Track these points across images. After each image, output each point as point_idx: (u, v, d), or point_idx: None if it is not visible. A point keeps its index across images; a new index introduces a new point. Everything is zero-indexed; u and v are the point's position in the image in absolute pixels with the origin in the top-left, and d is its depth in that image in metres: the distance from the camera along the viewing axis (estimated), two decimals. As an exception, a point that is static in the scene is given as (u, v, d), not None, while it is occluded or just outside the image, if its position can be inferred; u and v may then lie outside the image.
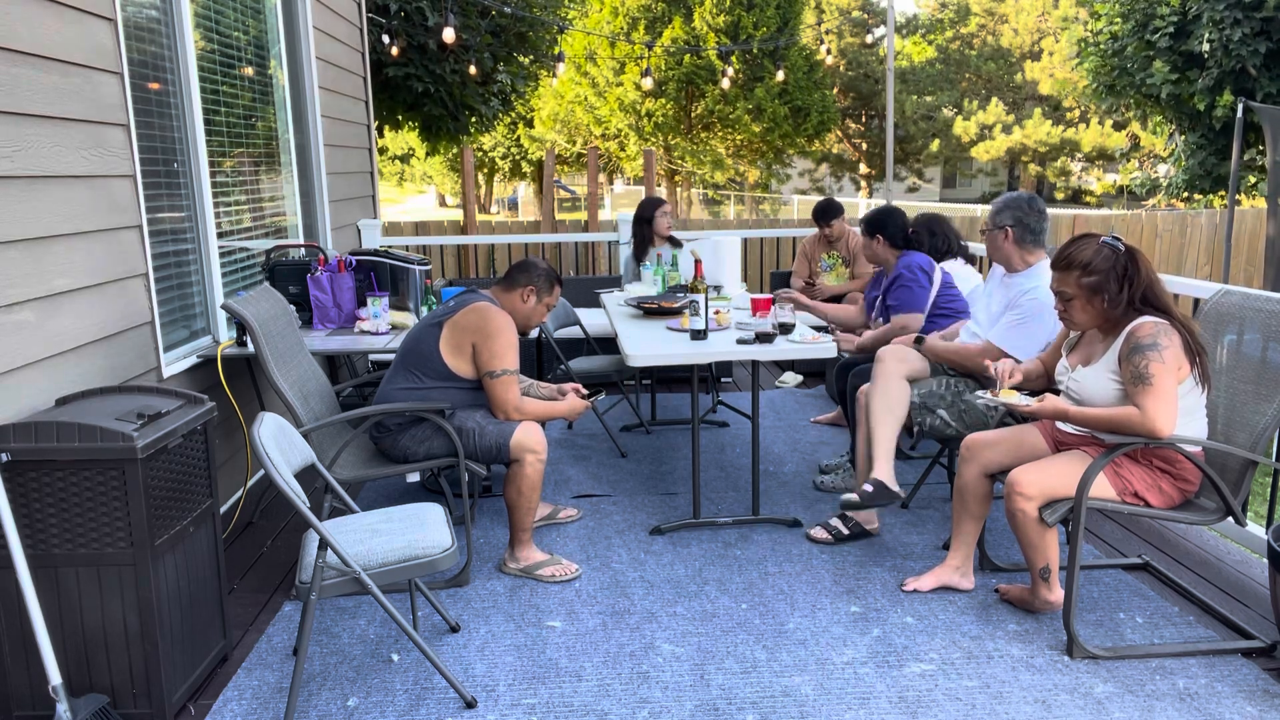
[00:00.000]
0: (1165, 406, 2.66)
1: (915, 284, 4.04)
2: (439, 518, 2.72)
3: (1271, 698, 2.56)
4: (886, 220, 4.17)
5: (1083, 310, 2.82)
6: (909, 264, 4.07)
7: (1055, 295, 2.88)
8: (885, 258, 4.19)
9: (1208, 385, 2.80)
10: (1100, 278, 2.75)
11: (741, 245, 5.53)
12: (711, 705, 2.57)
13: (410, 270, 4.56)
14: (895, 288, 4.09)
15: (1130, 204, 23.90)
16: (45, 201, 2.88)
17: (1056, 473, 2.81)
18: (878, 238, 4.16)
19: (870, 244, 4.20)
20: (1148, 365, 2.67)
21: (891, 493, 3.33)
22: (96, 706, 2.40)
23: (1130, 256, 2.76)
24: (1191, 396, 2.78)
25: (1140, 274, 2.75)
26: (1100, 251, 2.77)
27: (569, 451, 4.86)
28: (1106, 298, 2.77)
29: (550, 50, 11.43)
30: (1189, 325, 2.75)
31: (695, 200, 28.77)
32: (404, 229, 9.79)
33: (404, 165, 35.63)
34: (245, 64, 4.69)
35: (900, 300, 4.06)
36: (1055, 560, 2.90)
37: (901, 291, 4.05)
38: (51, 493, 2.37)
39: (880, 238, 4.15)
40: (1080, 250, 2.79)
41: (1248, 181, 12.25)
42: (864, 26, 28.82)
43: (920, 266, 4.06)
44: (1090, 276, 2.76)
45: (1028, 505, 2.80)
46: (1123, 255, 2.76)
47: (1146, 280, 2.75)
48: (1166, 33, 11.04)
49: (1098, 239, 2.80)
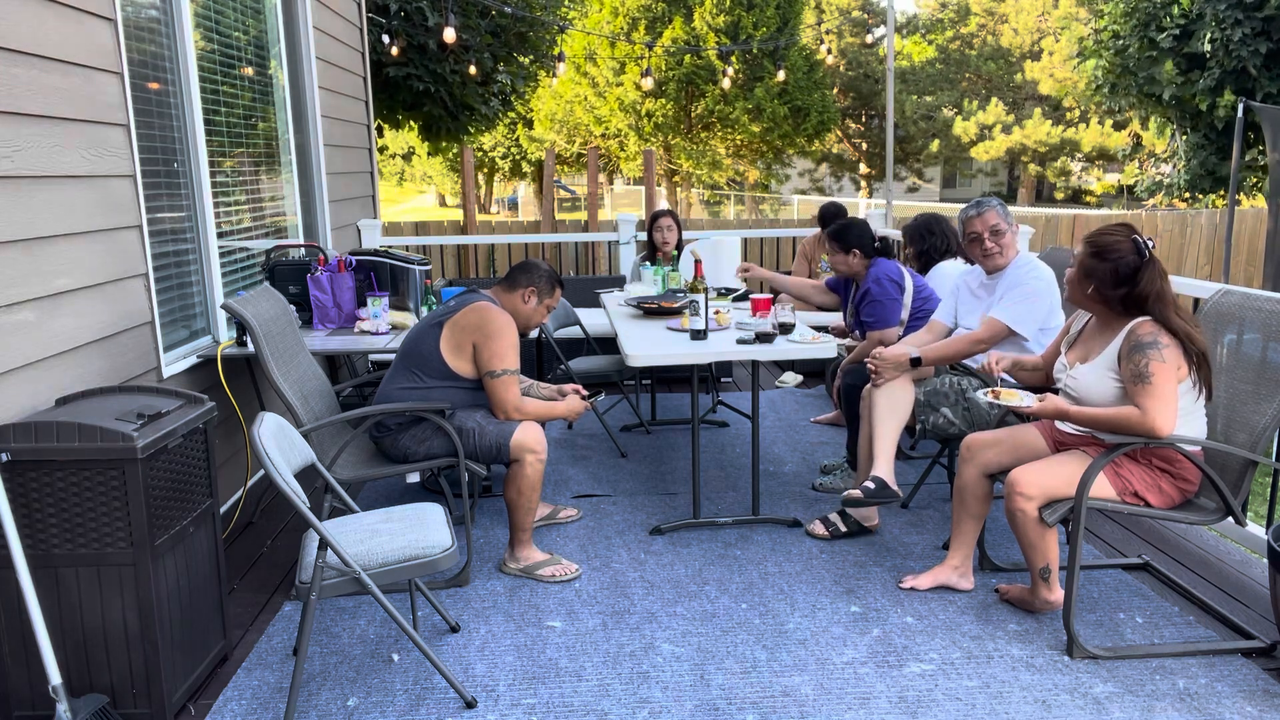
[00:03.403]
0: (1165, 406, 2.66)
1: (886, 297, 4.05)
2: (439, 518, 2.72)
3: (1271, 698, 2.56)
4: (854, 232, 4.14)
5: (1073, 285, 2.85)
6: (878, 277, 4.07)
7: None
8: (857, 269, 4.19)
9: (1207, 393, 2.79)
10: (1101, 264, 2.75)
11: (741, 245, 5.53)
12: (711, 705, 2.57)
13: (410, 270, 4.56)
14: (867, 303, 4.10)
15: (1130, 204, 23.88)
16: (45, 201, 2.88)
17: (1057, 472, 2.81)
18: (854, 252, 4.14)
19: (846, 259, 4.17)
20: (1148, 364, 2.67)
21: (891, 491, 3.34)
22: (96, 706, 2.40)
23: (1145, 264, 2.73)
24: (1188, 397, 2.78)
25: (1146, 284, 2.72)
26: (1121, 243, 2.74)
27: (569, 451, 4.86)
28: (1096, 285, 2.77)
29: (550, 50, 11.43)
30: (1193, 337, 2.72)
31: (695, 200, 28.77)
32: (404, 229, 9.79)
33: (404, 165, 35.62)
34: (245, 64, 4.69)
35: (875, 316, 4.08)
36: (1055, 560, 2.91)
37: (874, 307, 4.07)
38: (51, 493, 2.37)
39: (857, 252, 4.14)
40: (1107, 233, 2.78)
41: (1248, 181, 12.25)
42: (864, 26, 28.81)
43: (890, 278, 4.07)
44: (1095, 259, 2.76)
45: (1028, 505, 2.80)
46: (1136, 259, 2.73)
47: (1152, 293, 2.72)
48: (1172, 33, 11.04)
49: (1133, 232, 2.77)
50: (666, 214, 5.74)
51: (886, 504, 3.38)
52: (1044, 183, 30.24)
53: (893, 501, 3.36)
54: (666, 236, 5.65)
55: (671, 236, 5.67)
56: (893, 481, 3.36)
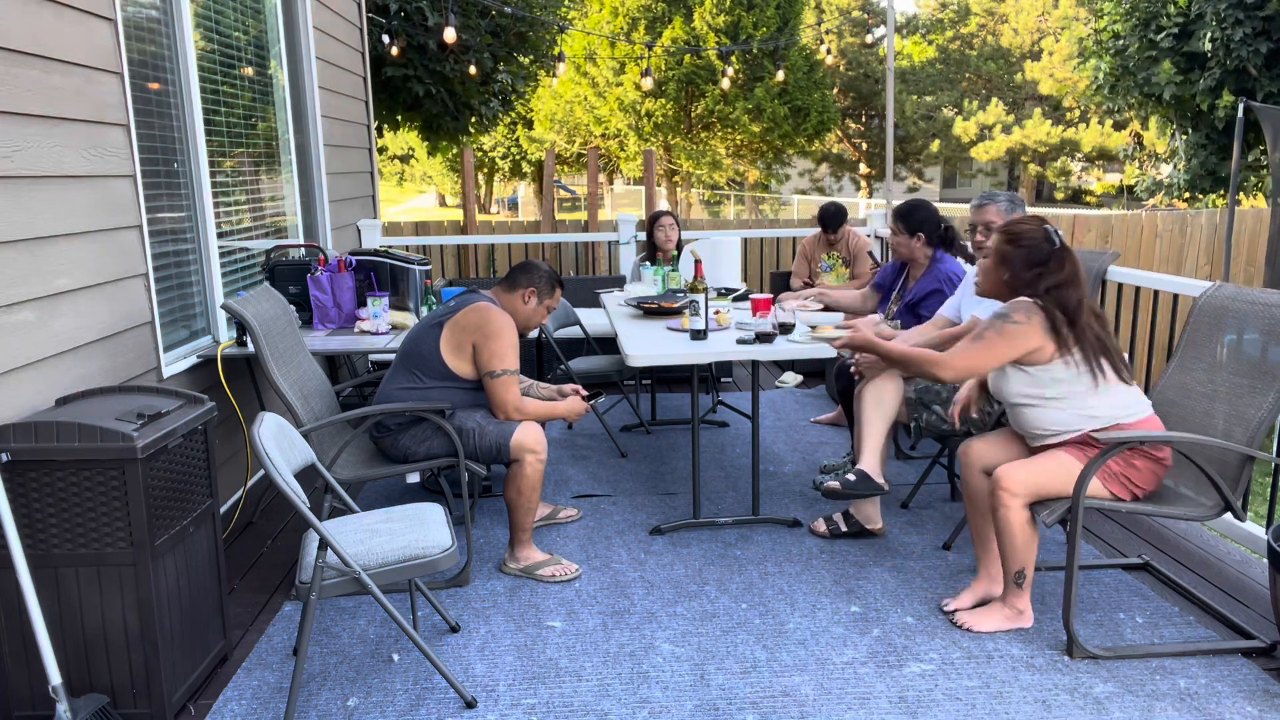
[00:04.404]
0: (967, 362, 2.80)
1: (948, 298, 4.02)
2: (439, 518, 2.72)
3: (1271, 698, 2.56)
4: (920, 215, 4.10)
5: (987, 274, 2.91)
6: (949, 276, 4.04)
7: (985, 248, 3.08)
8: (918, 258, 4.17)
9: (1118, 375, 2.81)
10: (1015, 250, 2.82)
11: (741, 245, 5.53)
12: (711, 705, 2.57)
13: (410, 270, 4.56)
14: (930, 297, 4.06)
15: (1130, 204, 23.89)
16: (45, 201, 2.88)
17: (1041, 468, 2.81)
18: (919, 236, 4.11)
19: (909, 242, 4.13)
20: (987, 328, 2.80)
21: (874, 484, 3.34)
22: (96, 706, 2.40)
23: (1057, 253, 2.80)
24: (1080, 382, 2.79)
25: (1056, 272, 2.79)
26: (1035, 232, 2.82)
27: (569, 451, 4.86)
28: (1010, 273, 2.85)
29: (550, 50, 11.42)
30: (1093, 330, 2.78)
31: (695, 200, 28.77)
32: (404, 229, 9.78)
33: (404, 165, 35.63)
34: (245, 64, 4.69)
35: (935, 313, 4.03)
36: (1031, 567, 2.90)
37: (938, 302, 4.02)
38: (51, 493, 2.37)
39: (922, 236, 4.11)
40: (1023, 222, 2.88)
41: (1248, 181, 12.25)
42: (864, 26, 28.81)
43: (957, 276, 4.04)
44: (1010, 246, 2.84)
45: (1013, 501, 2.80)
46: (1050, 247, 2.80)
47: (1065, 280, 2.79)
48: (1171, 33, 11.03)
49: (1043, 223, 2.85)
50: (667, 214, 5.74)
51: (867, 496, 3.38)
52: (1044, 183, 30.25)
53: (875, 494, 3.35)
54: (669, 235, 5.65)
55: (673, 235, 5.67)
56: (877, 475, 3.36)
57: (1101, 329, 2.82)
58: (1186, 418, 3.03)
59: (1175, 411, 3.08)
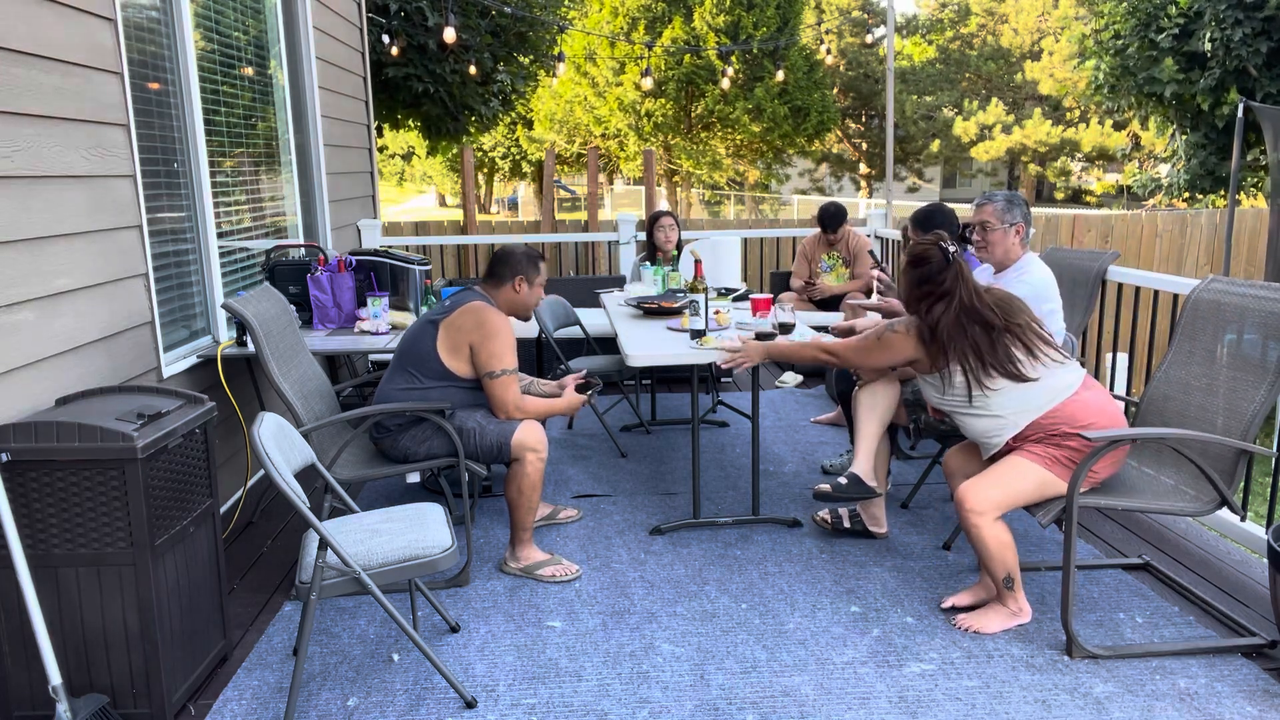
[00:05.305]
0: (847, 356, 3.11)
1: None
2: (439, 518, 2.72)
3: (1271, 697, 2.56)
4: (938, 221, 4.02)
5: (903, 293, 3.04)
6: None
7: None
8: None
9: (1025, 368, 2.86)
10: (911, 270, 2.97)
11: (741, 245, 5.53)
12: (711, 705, 2.57)
13: (410, 270, 4.56)
14: None
15: (1130, 204, 23.89)
16: (45, 201, 2.88)
17: (1000, 481, 2.85)
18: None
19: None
20: (875, 333, 3.04)
21: (866, 487, 3.34)
22: (96, 706, 2.40)
23: (943, 272, 2.91)
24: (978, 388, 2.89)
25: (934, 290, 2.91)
26: (929, 253, 2.94)
27: (569, 451, 4.86)
28: (905, 290, 3.00)
29: (550, 50, 11.42)
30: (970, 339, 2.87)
31: (695, 200, 28.77)
32: (404, 229, 9.78)
33: (404, 165, 35.61)
34: (245, 64, 4.69)
35: None
36: (1016, 568, 2.91)
37: None
38: (51, 493, 2.37)
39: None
40: (922, 243, 2.99)
41: (1248, 181, 12.25)
42: (864, 26, 28.81)
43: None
44: (908, 265, 2.99)
45: (980, 520, 2.83)
46: (940, 267, 2.91)
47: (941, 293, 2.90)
48: (1171, 32, 11.03)
49: (940, 242, 2.94)
50: (667, 214, 5.74)
51: (858, 500, 3.39)
52: (1044, 183, 30.24)
53: (867, 497, 3.36)
54: (669, 235, 5.65)
55: (673, 235, 5.67)
56: (869, 478, 3.36)
57: (984, 334, 2.86)
58: (1183, 412, 3.03)
59: (1172, 406, 3.08)
